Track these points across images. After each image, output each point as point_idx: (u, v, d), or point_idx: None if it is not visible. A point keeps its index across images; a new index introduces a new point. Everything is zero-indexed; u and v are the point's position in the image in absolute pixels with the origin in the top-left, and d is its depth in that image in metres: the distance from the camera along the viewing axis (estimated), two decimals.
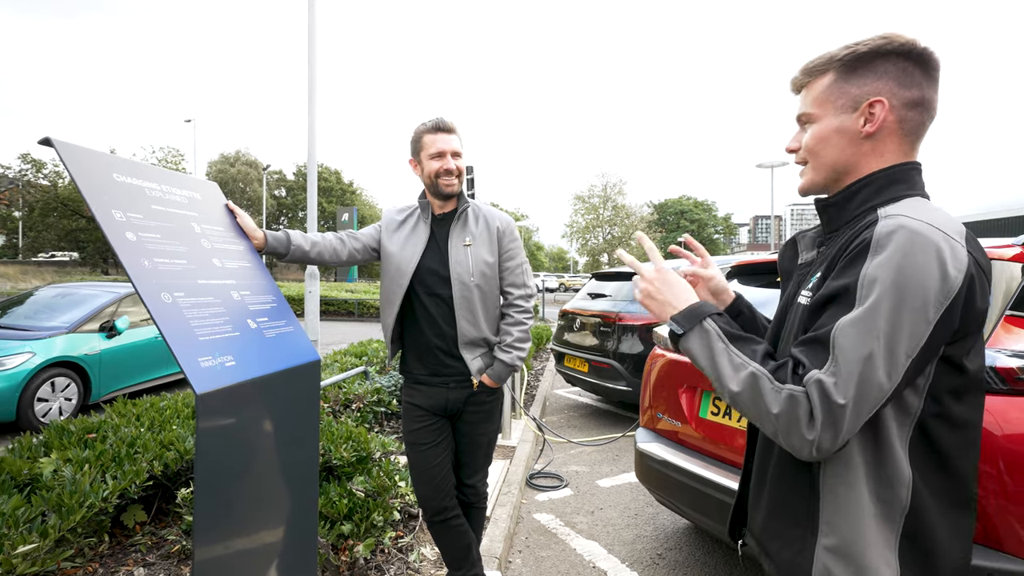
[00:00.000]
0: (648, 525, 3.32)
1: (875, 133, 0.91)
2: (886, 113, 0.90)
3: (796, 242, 1.10)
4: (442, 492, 2.06)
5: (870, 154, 0.93)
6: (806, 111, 0.98)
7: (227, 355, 1.32)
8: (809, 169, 0.99)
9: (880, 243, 0.81)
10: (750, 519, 1.08)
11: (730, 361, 0.88)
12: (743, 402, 0.86)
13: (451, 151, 2.02)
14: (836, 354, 0.80)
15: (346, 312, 19.46)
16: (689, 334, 0.94)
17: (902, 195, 0.90)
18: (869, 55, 0.91)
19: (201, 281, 1.41)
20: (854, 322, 0.80)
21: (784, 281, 1.12)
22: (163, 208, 1.47)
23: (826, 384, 0.79)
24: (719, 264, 5.83)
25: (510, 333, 2.11)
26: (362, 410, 4.14)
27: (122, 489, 2.38)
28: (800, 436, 0.81)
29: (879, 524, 0.85)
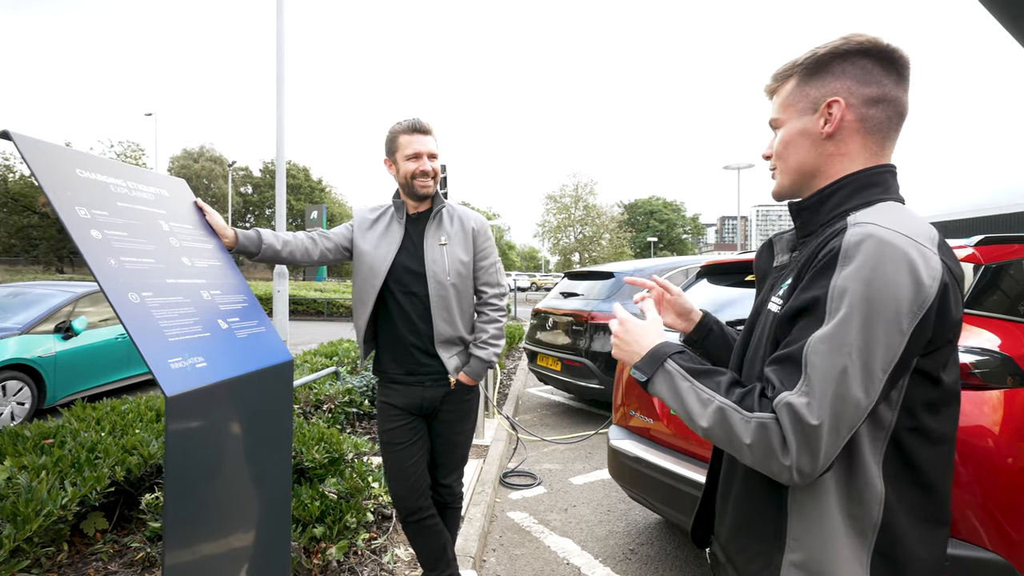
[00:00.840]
0: (620, 521, 3.36)
1: (835, 133, 0.90)
2: (843, 112, 0.89)
3: (773, 243, 1.08)
4: (417, 492, 2.05)
5: (835, 155, 0.91)
6: (774, 116, 0.99)
7: (197, 356, 1.29)
8: (779, 173, 0.99)
9: (848, 253, 0.78)
10: (717, 527, 1.06)
11: (697, 398, 0.86)
12: (715, 437, 0.85)
13: (427, 153, 2.02)
14: (809, 372, 0.77)
15: (315, 312, 19.14)
16: (653, 378, 0.93)
17: (875, 199, 0.88)
18: (827, 56, 0.91)
19: (170, 280, 1.37)
20: (825, 338, 0.77)
21: (759, 282, 1.11)
22: (129, 205, 1.42)
23: (797, 406, 0.76)
24: (688, 264, 5.95)
25: (485, 331, 2.12)
26: (333, 411, 4.08)
27: (82, 496, 2.29)
28: (778, 463, 0.78)
29: (849, 540, 0.83)
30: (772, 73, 0.99)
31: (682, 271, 5.89)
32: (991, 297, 1.98)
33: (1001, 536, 1.59)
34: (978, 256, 2.01)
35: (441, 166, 6.63)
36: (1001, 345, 1.79)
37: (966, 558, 1.58)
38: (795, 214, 0.99)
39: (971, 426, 1.67)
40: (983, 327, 1.86)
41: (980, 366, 1.72)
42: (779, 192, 1.01)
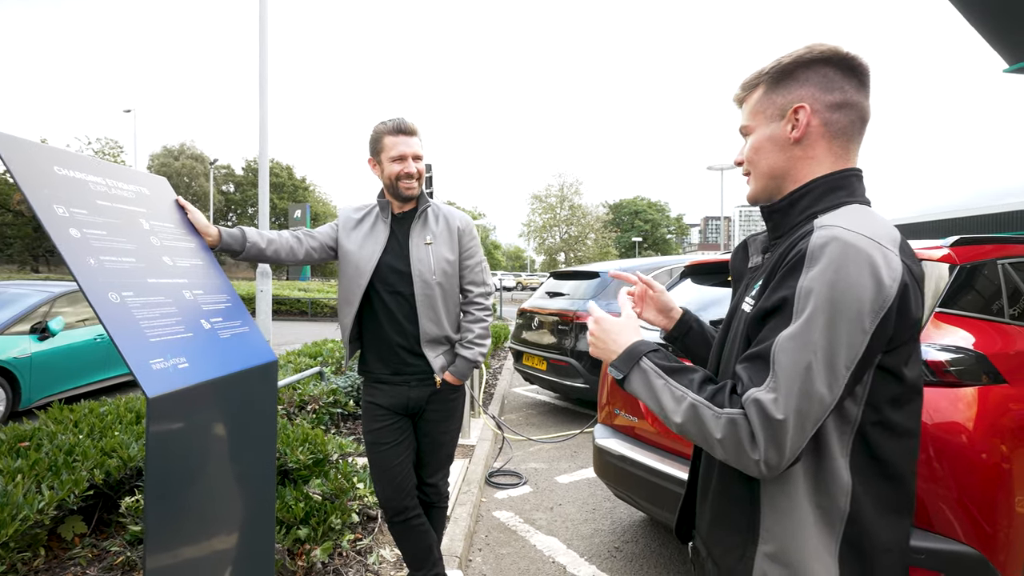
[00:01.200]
0: (605, 519, 3.38)
1: (802, 138, 0.94)
2: (809, 117, 0.93)
3: (747, 245, 1.12)
4: (403, 492, 2.05)
5: (803, 159, 0.95)
6: (744, 124, 1.03)
7: (180, 357, 1.27)
8: (752, 178, 1.03)
9: (814, 255, 0.82)
10: (698, 522, 1.10)
11: (671, 395, 0.89)
12: (689, 432, 0.87)
13: (412, 154, 2.01)
14: (776, 370, 0.80)
15: (299, 312, 18.96)
16: (629, 376, 0.95)
17: (842, 202, 0.92)
18: (792, 65, 0.95)
19: (151, 280, 1.35)
20: (791, 336, 0.80)
21: (735, 283, 1.15)
22: (109, 203, 1.40)
23: (764, 402, 0.80)
24: (672, 264, 6.00)
25: (471, 330, 2.12)
26: (318, 412, 4.05)
27: (59, 500, 2.25)
28: (747, 457, 0.81)
29: (818, 531, 0.86)
30: (740, 83, 1.04)
31: (666, 271, 5.94)
32: (966, 296, 2.03)
33: (976, 530, 1.63)
34: (954, 256, 2.06)
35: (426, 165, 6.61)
36: (976, 343, 1.84)
37: (942, 551, 1.62)
38: (767, 217, 1.02)
39: (947, 422, 1.71)
40: (958, 326, 1.90)
41: (955, 364, 1.76)
42: (754, 196, 1.04)
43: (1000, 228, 17.36)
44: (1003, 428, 1.72)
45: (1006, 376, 1.80)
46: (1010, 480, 1.68)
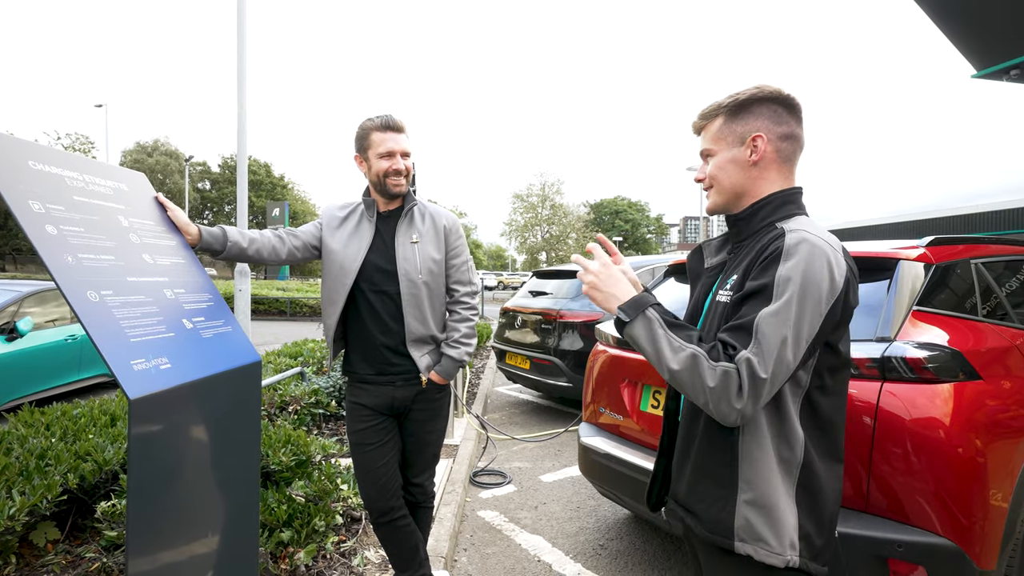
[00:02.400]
0: (590, 517, 3.40)
1: (759, 161, 1.15)
2: (766, 145, 1.14)
3: (702, 248, 1.32)
4: (389, 493, 2.03)
5: (758, 178, 1.16)
6: (707, 147, 1.21)
7: (161, 357, 1.24)
8: (714, 193, 1.22)
9: (789, 252, 1.02)
10: (674, 488, 1.26)
11: (669, 344, 1.04)
12: (682, 378, 1.02)
13: (400, 151, 1.99)
14: (759, 338, 0.99)
15: (278, 311, 18.70)
16: (634, 321, 1.08)
17: (793, 213, 1.14)
18: (747, 101, 1.15)
19: (131, 278, 1.31)
20: (773, 313, 0.99)
21: (693, 281, 1.34)
22: (86, 200, 1.36)
23: (753, 362, 0.97)
24: (655, 263, 6.05)
25: (457, 329, 2.11)
26: (299, 412, 4.00)
27: (31, 505, 2.18)
28: (729, 405, 0.98)
29: (783, 478, 1.06)
30: (699, 113, 1.23)
31: (648, 270, 5.99)
32: (941, 295, 2.08)
33: (952, 522, 1.67)
34: (929, 256, 2.11)
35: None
36: (951, 341, 1.88)
37: (920, 544, 1.66)
38: (731, 223, 1.23)
39: (924, 418, 1.75)
40: (934, 324, 1.95)
41: (932, 361, 1.80)
42: (713, 208, 1.24)
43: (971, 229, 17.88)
44: (978, 423, 1.77)
45: (981, 372, 1.85)
46: (985, 474, 1.72)
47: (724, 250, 1.28)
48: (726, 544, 1.09)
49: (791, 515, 1.06)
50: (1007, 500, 1.78)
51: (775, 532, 1.05)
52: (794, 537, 1.05)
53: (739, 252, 1.18)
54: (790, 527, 1.05)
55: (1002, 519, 1.76)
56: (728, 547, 1.09)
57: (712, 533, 1.11)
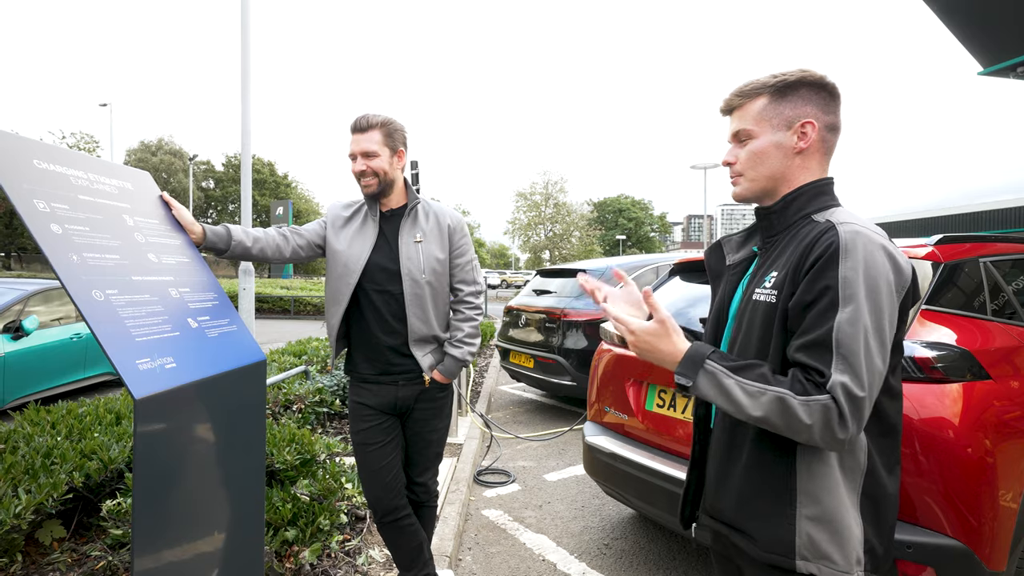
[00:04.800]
0: (594, 516, 3.39)
1: (806, 150, 1.06)
2: (815, 132, 1.05)
3: (722, 245, 1.23)
4: (392, 492, 2.02)
5: (799, 168, 1.07)
6: (745, 128, 1.09)
7: (167, 357, 1.24)
8: (746, 179, 1.10)
9: (848, 248, 0.93)
10: (712, 503, 1.15)
11: (744, 392, 0.94)
12: (771, 423, 0.93)
13: (360, 152, 1.96)
14: (842, 353, 0.90)
15: (281, 310, 18.74)
16: (697, 381, 0.98)
17: (828, 204, 1.05)
18: (795, 83, 1.06)
19: (136, 278, 1.31)
20: (850, 320, 0.91)
21: (714, 280, 1.24)
22: (91, 199, 1.35)
23: (848, 384, 0.89)
24: (659, 262, 6.03)
25: (461, 329, 2.10)
26: (304, 411, 4.00)
27: (37, 504, 2.19)
28: (833, 436, 0.90)
29: (847, 488, 0.99)
30: (736, 91, 1.12)
31: (652, 268, 5.97)
32: (949, 294, 2.06)
33: (961, 523, 1.66)
34: (937, 254, 2.09)
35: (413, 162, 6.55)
36: (959, 340, 1.87)
37: (929, 545, 1.64)
38: (762, 216, 1.13)
39: (932, 418, 1.73)
40: (943, 323, 1.93)
41: (941, 360, 1.79)
42: (744, 195, 1.12)
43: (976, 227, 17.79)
44: (987, 423, 1.76)
45: (990, 372, 1.83)
46: (994, 474, 1.71)
47: (747, 246, 1.19)
48: (786, 564, 1.00)
49: (856, 528, 0.99)
50: (1017, 501, 1.77)
51: (841, 548, 0.98)
52: (859, 551, 0.99)
53: (772, 247, 1.09)
54: (856, 541, 0.99)
55: (1012, 520, 1.74)
56: (789, 567, 1.00)
57: (769, 552, 1.02)
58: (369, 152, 1.96)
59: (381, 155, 1.97)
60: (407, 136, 2.07)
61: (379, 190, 2.00)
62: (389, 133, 1.99)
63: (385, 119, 1.99)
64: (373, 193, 2.01)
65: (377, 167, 1.97)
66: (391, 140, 1.99)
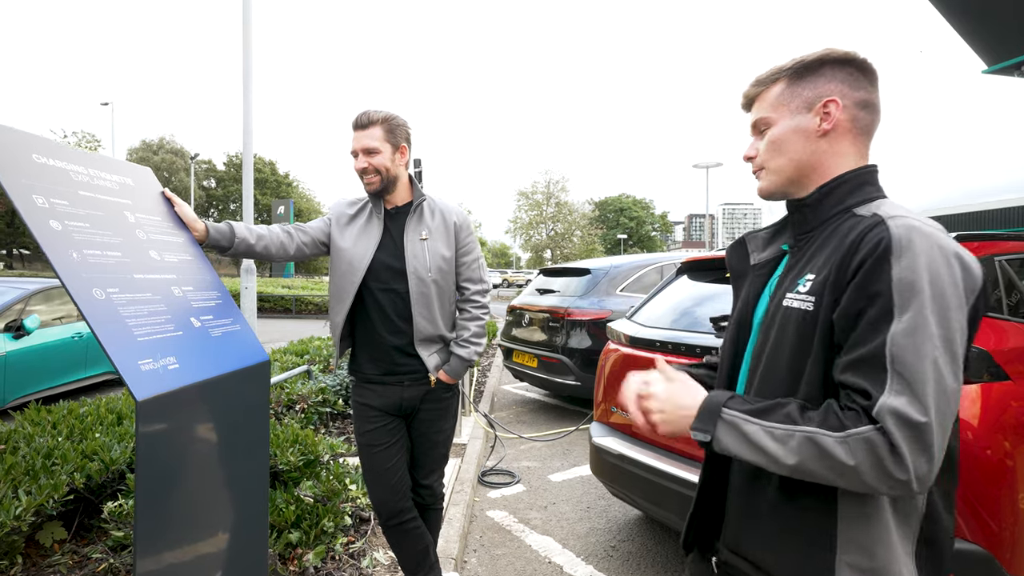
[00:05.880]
0: (600, 518, 3.36)
1: (831, 131, 0.93)
2: (840, 111, 0.92)
3: (746, 242, 1.10)
4: (398, 495, 1.99)
5: (828, 153, 0.94)
6: (762, 116, 0.99)
7: (169, 357, 1.21)
8: (768, 172, 0.99)
9: (902, 245, 0.78)
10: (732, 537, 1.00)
11: (771, 437, 0.80)
12: (808, 470, 0.78)
13: (361, 149, 1.92)
14: (898, 370, 0.75)
15: (283, 309, 18.73)
16: (716, 435, 0.85)
17: (873, 196, 0.92)
18: (816, 63, 0.95)
19: (137, 276, 1.28)
20: (907, 332, 0.75)
21: (736, 281, 1.11)
22: (92, 194, 1.32)
23: (900, 408, 0.73)
24: (663, 261, 5.99)
25: (467, 328, 2.07)
26: (306, 411, 3.97)
27: (38, 505, 2.15)
28: (889, 478, 0.74)
29: (900, 533, 0.83)
30: (753, 80, 1.01)
31: (656, 268, 5.93)
32: None
33: (981, 527, 1.62)
34: None
35: (416, 160, 6.52)
36: (976, 340, 1.83)
37: None
38: (794, 210, 0.99)
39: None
40: None
41: None
42: (769, 190, 1.00)
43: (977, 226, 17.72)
44: (1006, 425, 1.72)
45: (1008, 372, 1.79)
46: (1014, 477, 1.67)
47: (776, 243, 1.05)
48: None
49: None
50: None
51: None
52: None
53: (806, 245, 0.95)
54: None
55: None
56: None
57: None
58: (371, 149, 1.92)
59: (383, 152, 1.94)
60: (410, 132, 2.04)
61: (382, 187, 1.97)
62: (391, 129, 1.95)
63: (386, 115, 1.95)
64: (376, 190, 1.97)
65: (379, 164, 1.93)
66: (393, 136, 1.96)
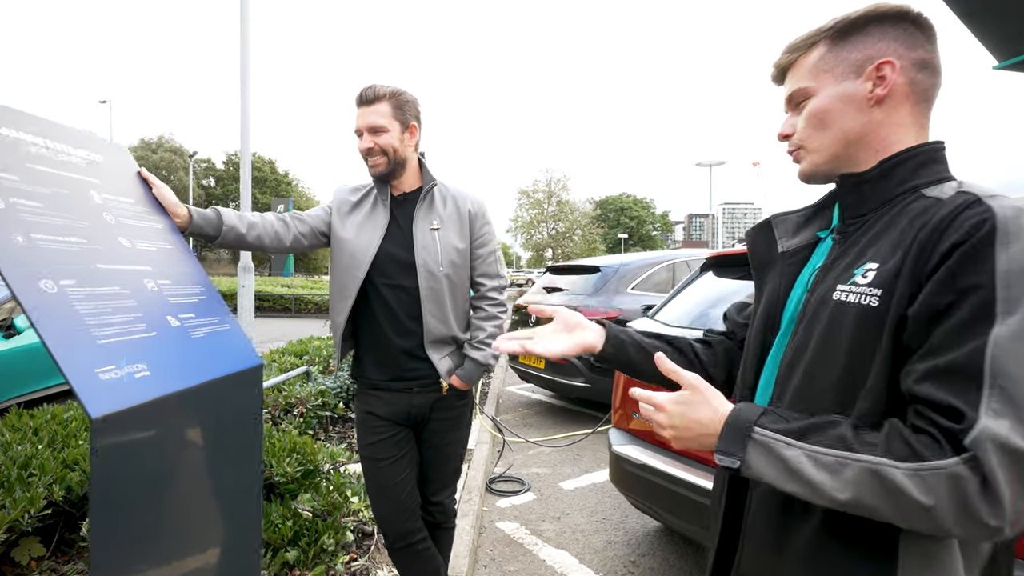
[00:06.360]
0: (618, 530, 3.16)
1: (886, 98, 0.79)
2: (896, 73, 0.78)
3: (773, 226, 0.95)
4: (406, 514, 1.79)
5: (884, 123, 0.80)
6: (800, 87, 0.85)
7: (138, 363, 1.01)
8: (810, 151, 0.86)
9: (1008, 231, 0.65)
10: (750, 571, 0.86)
11: (819, 464, 0.67)
12: (866, 507, 0.65)
13: (366, 127, 1.72)
14: (1000, 384, 0.61)
15: (282, 308, 18.52)
16: (746, 459, 0.71)
17: (944, 176, 0.79)
18: (861, 20, 0.81)
19: (102, 265, 1.08)
20: (1016, 336, 0.61)
21: (761, 271, 0.96)
22: (49, 170, 1.12)
23: (1003, 435, 0.59)
24: (673, 259, 5.79)
25: (483, 328, 1.87)
26: (305, 415, 3.77)
27: (12, 520, 1.96)
28: (977, 522, 0.60)
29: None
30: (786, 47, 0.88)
31: (667, 266, 5.73)
32: None
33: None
34: None
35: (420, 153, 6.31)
36: None
37: None
38: (851, 188, 0.84)
39: None
40: None
41: None
42: (810, 171, 0.87)
43: None
44: None
45: None
46: None
47: (811, 228, 0.92)
48: None
49: None
50: None
51: None
52: None
53: (862, 229, 0.81)
54: None
55: None
56: None
57: None
58: (376, 127, 1.71)
59: (390, 130, 1.73)
60: (420, 109, 1.83)
61: (388, 170, 1.76)
62: (399, 105, 1.74)
63: (394, 89, 1.75)
64: (382, 174, 1.77)
65: (386, 144, 1.73)
66: (401, 113, 1.75)
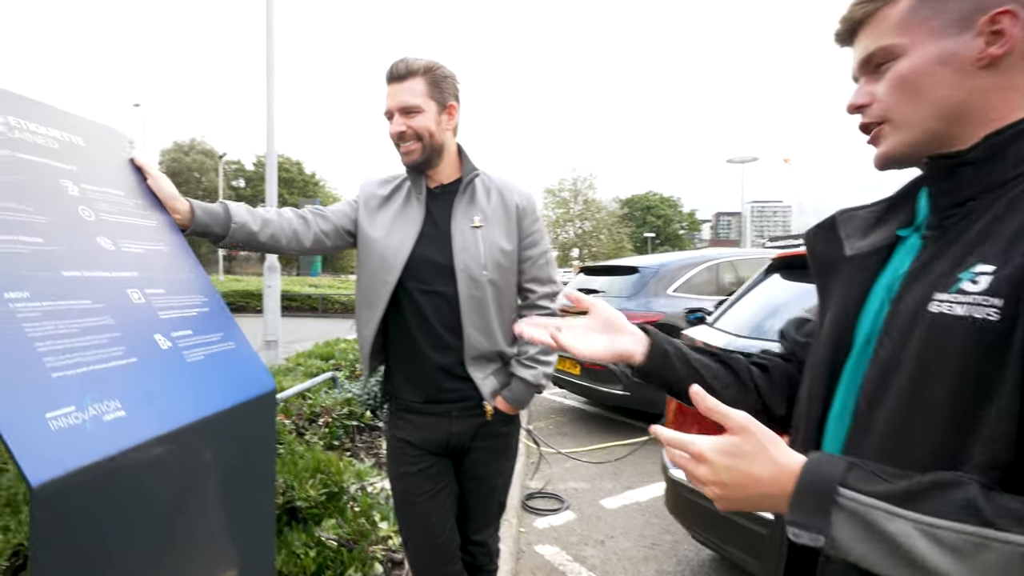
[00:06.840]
0: (669, 558, 2.86)
1: (1003, 58, 0.62)
2: (1018, 28, 0.62)
3: (837, 224, 0.81)
4: (446, 558, 1.54)
5: (996, 89, 0.64)
6: (884, 43, 0.67)
7: (109, 400, 0.77)
8: (896, 127, 0.69)
9: None
10: None
11: (938, 545, 0.51)
12: None
13: (398, 108, 1.46)
14: None
15: (309, 308, 18.62)
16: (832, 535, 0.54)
17: None
18: None
19: (68, 273, 0.85)
20: None
21: (822, 278, 0.83)
22: (9, 153, 0.90)
23: None
24: (718, 258, 5.45)
25: (533, 343, 1.60)
26: (331, 425, 3.56)
27: (16, 545, 1.81)
28: None
29: None
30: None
31: (711, 266, 5.39)
32: None
33: None
34: None
35: None
36: None
37: None
38: (945, 173, 0.67)
39: None
40: None
41: None
42: (900, 152, 0.69)
43: None
44: None
45: None
46: None
47: (887, 225, 0.76)
48: None
49: None
50: None
51: None
52: None
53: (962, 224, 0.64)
54: None
55: None
56: None
57: None
58: (409, 107, 1.45)
59: (426, 110, 1.47)
60: (459, 87, 1.57)
61: (423, 158, 1.51)
62: (435, 81, 1.48)
63: (429, 63, 1.48)
64: (416, 163, 1.51)
65: (420, 127, 1.47)
66: (438, 91, 1.49)
